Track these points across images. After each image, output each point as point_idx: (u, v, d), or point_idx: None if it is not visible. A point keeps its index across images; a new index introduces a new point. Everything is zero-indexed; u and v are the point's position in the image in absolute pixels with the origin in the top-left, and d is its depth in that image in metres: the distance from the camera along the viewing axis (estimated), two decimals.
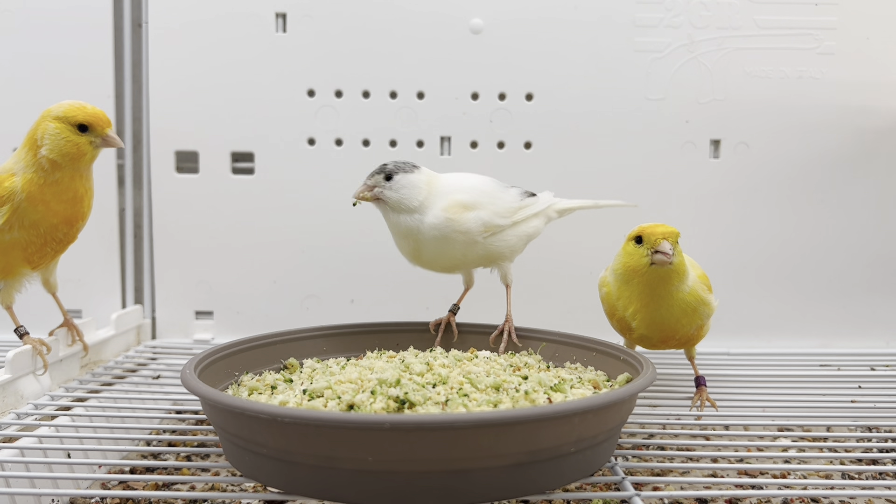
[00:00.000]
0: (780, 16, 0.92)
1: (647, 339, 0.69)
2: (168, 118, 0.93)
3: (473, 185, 0.70)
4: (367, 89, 0.93)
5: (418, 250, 0.69)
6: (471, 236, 0.68)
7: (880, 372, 0.85)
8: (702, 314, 0.67)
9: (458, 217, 0.67)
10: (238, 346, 0.65)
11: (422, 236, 0.67)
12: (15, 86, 0.93)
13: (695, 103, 0.93)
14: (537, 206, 0.74)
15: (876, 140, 0.94)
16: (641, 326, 0.67)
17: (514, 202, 0.72)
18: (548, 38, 0.93)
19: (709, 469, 0.63)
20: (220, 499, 0.55)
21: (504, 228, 0.70)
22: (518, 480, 0.48)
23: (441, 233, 0.67)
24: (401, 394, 0.52)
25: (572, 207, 0.78)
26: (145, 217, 0.97)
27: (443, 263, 0.70)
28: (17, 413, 0.64)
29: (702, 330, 0.69)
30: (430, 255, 0.69)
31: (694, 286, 0.66)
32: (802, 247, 0.95)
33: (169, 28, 0.92)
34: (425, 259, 0.70)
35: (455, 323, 0.74)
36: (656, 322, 0.67)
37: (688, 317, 0.66)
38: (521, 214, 0.72)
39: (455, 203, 0.67)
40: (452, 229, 0.67)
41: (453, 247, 0.68)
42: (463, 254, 0.69)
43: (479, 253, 0.69)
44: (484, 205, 0.68)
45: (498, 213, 0.69)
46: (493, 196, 0.70)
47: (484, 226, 0.68)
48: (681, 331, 0.67)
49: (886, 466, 0.65)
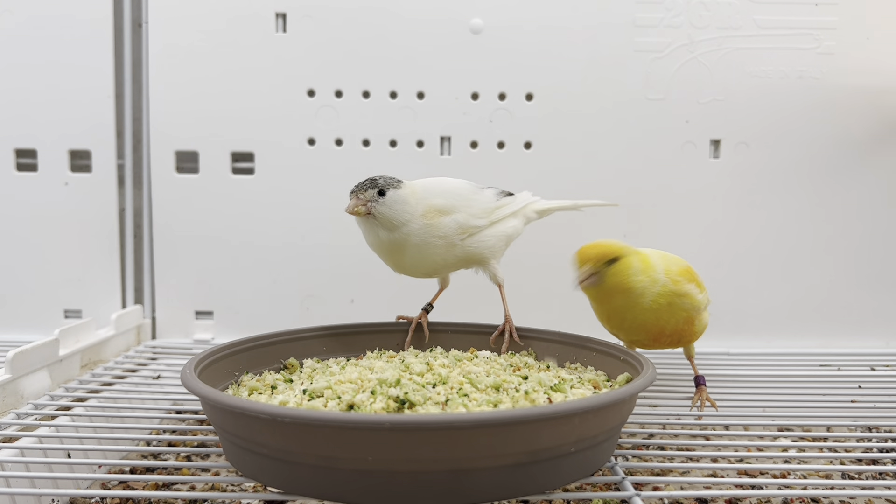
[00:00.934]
0: (780, 16, 0.92)
1: (638, 341, 0.70)
2: (168, 118, 0.93)
3: (447, 188, 0.70)
4: (367, 89, 0.93)
5: (400, 258, 0.69)
6: (449, 239, 0.68)
7: (880, 372, 0.85)
8: (683, 307, 0.67)
9: (435, 222, 0.67)
10: (238, 346, 0.65)
11: (404, 244, 0.67)
12: (15, 86, 0.94)
13: (695, 103, 0.93)
14: (514, 205, 0.74)
15: (876, 140, 0.94)
16: (625, 332, 0.69)
17: (489, 203, 0.72)
18: (548, 38, 0.93)
19: (709, 469, 0.63)
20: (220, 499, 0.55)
21: (481, 229, 0.70)
22: (518, 480, 0.48)
23: (421, 239, 0.67)
24: (401, 394, 0.52)
25: (551, 208, 0.78)
26: (145, 217, 0.97)
27: (424, 269, 0.70)
28: (17, 413, 0.64)
29: (693, 325, 0.69)
30: (411, 261, 0.69)
31: (665, 284, 0.66)
32: (802, 246, 0.95)
33: (169, 28, 0.92)
34: (407, 266, 0.70)
35: (427, 322, 0.74)
36: (635, 326, 0.68)
37: (667, 313, 0.67)
38: (497, 214, 0.72)
39: (431, 208, 0.67)
40: (430, 234, 0.67)
41: (434, 251, 0.68)
42: (443, 258, 0.69)
43: (458, 255, 0.70)
44: (459, 208, 0.69)
45: (474, 215, 0.70)
46: (467, 199, 0.70)
47: (461, 228, 0.68)
48: (666, 327, 0.68)
49: (886, 466, 0.65)
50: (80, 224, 0.95)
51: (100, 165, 0.95)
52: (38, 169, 0.95)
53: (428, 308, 0.75)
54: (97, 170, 0.95)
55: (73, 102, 0.94)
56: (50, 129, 0.94)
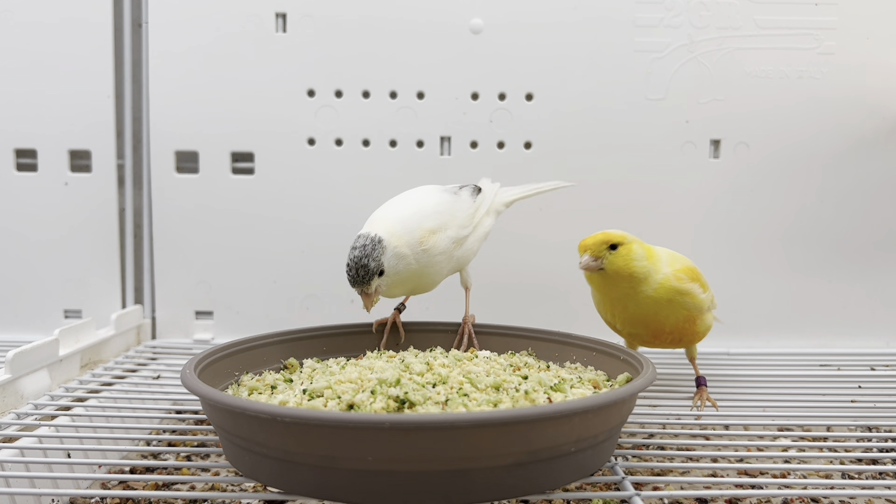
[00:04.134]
0: (780, 16, 0.92)
1: (637, 336, 0.70)
2: (168, 118, 0.93)
3: (434, 207, 0.70)
4: (367, 89, 0.93)
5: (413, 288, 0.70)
6: (448, 253, 0.69)
7: (880, 372, 0.85)
8: (684, 305, 0.67)
9: (431, 244, 0.67)
10: (238, 346, 0.65)
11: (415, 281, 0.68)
12: (15, 86, 0.94)
13: (695, 103, 0.93)
14: (486, 201, 0.75)
15: (876, 140, 0.94)
16: (624, 325, 0.70)
17: (469, 208, 0.73)
18: (548, 38, 0.93)
19: (709, 469, 0.63)
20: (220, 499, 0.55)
21: (468, 236, 0.71)
22: (518, 480, 0.48)
23: (427, 266, 0.67)
24: (401, 393, 0.52)
25: (516, 198, 0.79)
26: (145, 217, 0.97)
27: (431, 286, 0.71)
28: (17, 413, 0.64)
29: (695, 325, 0.69)
30: (421, 286, 0.70)
31: (665, 280, 0.67)
32: (802, 246, 0.95)
33: (169, 28, 0.92)
34: (418, 290, 0.71)
35: (401, 322, 0.74)
36: (635, 319, 0.69)
37: (665, 309, 0.67)
38: (478, 216, 0.73)
39: (425, 231, 0.67)
40: (432, 255, 0.67)
41: (438, 269, 0.69)
42: (446, 270, 0.70)
43: (452, 266, 0.71)
44: (448, 223, 0.69)
45: (461, 225, 0.71)
46: (452, 213, 0.70)
47: (454, 242, 0.69)
48: (666, 324, 0.68)
49: (886, 466, 0.65)
50: (80, 224, 0.95)
51: (100, 165, 0.95)
52: (38, 169, 0.95)
53: (401, 308, 0.75)
54: (97, 170, 0.95)
55: (73, 102, 0.94)
56: (50, 129, 0.94)
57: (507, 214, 0.91)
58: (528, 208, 0.93)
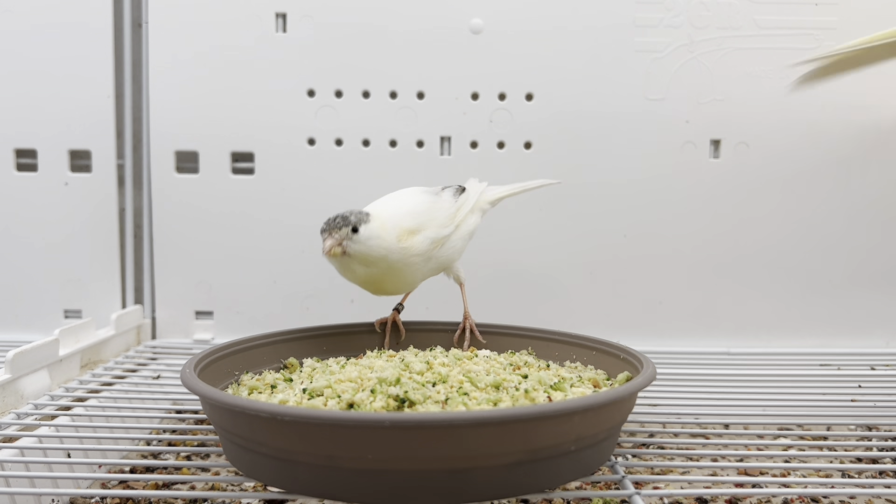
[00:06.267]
0: (780, 16, 0.92)
1: None
2: (168, 118, 0.93)
3: (412, 208, 0.70)
4: (367, 89, 0.93)
5: (381, 286, 0.69)
6: (425, 255, 0.69)
7: (880, 371, 0.85)
8: None
9: (409, 244, 0.67)
10: (238, 345, 0.65)
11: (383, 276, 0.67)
12: (15, 86, 0.94)
13: (695, 103, 0.93)
14: (470, 200, 0.74)
15: (876, 140, 0.94)
16: None
17: (450, 208, 0.72)
18: (548, 38, 0.93)
19: (709, 468, 0.63)
20: (220, 498, 0.55)
21: (450, 236, 0.71)
22: (518, 479, 0.48)
23: (402, 264, 0.67)
24: (401, 392, 0.52)
25: (501, 196, 0.79)
26: (145, 217, 0.97)
27: (405, 288, 0.71)
28: (17, 413, 0.64)
29: None
30: (392, 286, 0.69)
31: None
32: (802, 246, 0.95)
33: (169, 28, 0.92)
34: (389, 290, 0.70)
35: (401, 321, 0.74)
36: None
37: None
38: (459, 216, 0.73)
39: (403, 231, 0.67)
40: (408, 255, 0.67)
41: (413, 270, 0.68)
42: (422, 273, 0.70)
43: (432, 267, 0.71)
44: (427, 224, 0.69)
45: (441, 225, 0.70)
46: (432, 213, 0.70)
47: (433, 242, 0.69)
48: None
49: (886, 465, 0.65)
50: (80, 224, 0.95)
51: (100, 165, 0.95)
52: (38, 169, 0.95)
53: (399, 308, 0.75)
54: (97, 170, 0.95)
55: (72, 102, 0.94)
56: (50, 129, 0.94)
57: (507, 215, 0.91)
58: (529, 209, 0.93)
